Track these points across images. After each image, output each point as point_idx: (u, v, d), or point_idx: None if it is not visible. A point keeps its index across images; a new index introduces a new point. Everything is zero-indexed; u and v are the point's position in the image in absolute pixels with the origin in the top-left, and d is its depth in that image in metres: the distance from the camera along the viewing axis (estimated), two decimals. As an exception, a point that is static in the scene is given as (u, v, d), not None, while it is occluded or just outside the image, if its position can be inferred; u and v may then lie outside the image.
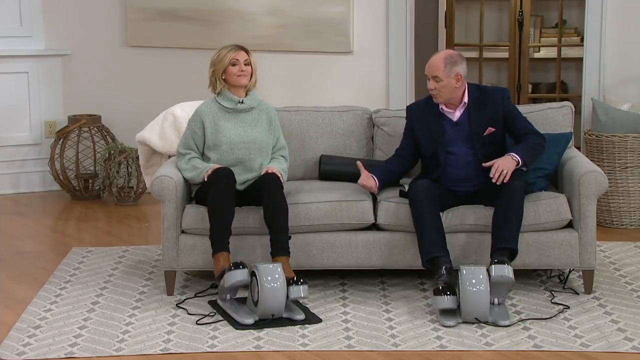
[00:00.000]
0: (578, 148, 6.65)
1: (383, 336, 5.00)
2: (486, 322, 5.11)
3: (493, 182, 5.36)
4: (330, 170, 6.05)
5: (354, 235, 5.60)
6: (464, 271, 5.09)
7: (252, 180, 5.64)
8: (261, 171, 5.62)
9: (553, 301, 5.44)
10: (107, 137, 7.99)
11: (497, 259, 5.14)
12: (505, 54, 8.83)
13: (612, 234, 6.78)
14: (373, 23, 7.48)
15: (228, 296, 5.34)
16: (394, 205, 5.56)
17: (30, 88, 8.14)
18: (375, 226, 5.64)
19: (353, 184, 5.80)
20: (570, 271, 5.77)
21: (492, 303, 5.19)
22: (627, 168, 6.86)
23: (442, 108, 5.61)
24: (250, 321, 5.11)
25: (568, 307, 5.34)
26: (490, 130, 5.56)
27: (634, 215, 6.91)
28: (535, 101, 8.74)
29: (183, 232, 5.62)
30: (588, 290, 5.57)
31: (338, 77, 7.58)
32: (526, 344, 4.88)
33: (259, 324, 5.11)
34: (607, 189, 5.69)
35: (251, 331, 5.06)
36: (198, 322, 5.19)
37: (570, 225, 5.57)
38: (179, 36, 7.92)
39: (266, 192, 5.46)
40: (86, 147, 8.00)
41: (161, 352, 4.84)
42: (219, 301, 5.39)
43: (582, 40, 7.61)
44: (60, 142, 7.96)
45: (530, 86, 8.91)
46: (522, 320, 5.17)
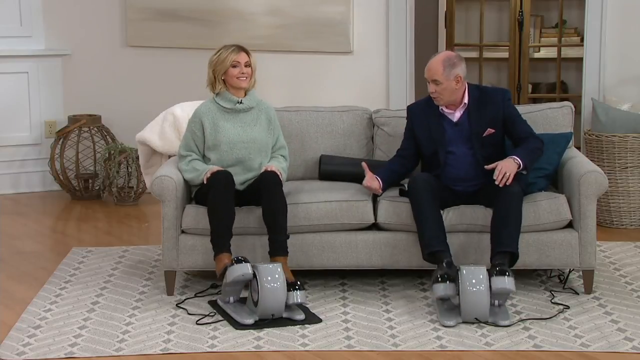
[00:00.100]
0: (578, 148, 6.65)
1: (383, 336, 5.00)
2: (486, 322, 5.11)
3: (495, 184, 5.36)
4: (330, 170, 6.05)
5: (354, 235, 5.60)
6: (464, 271, 5.09)
7: (252, 179, 5.64)
8: (261, 170, 5.62)
9: (553, 301, 5.44)
10: (107, 137, 7.99)
11: (498, 268, 5.12)
12: (505, 54, 8.83)
13: (612, 234, 6.78)
14: (373, 23, 7.48)
15: (231, 299, 5.32)
16: (394, 204, 5.56)
17: (30, 88, 8.14)
18: (375, 226, 5.64)
19: (353, 184, 5.80)
20: (570, 271, 5.77)
21: (492, 304, 5.19)
22: (627, 168, 6.86)
23: (442, 109, 5.61)
24: (250, 321, 5.11)
25: (568, 307, 5.34)
26: (489, 131, 5.56)
27: (634, 215, 6.91)
28: (535, 101, 8.74)
29: (183, 232, 5.62)
30: (588, 290, 5.57)
31: (338, 77, 7.58)
32: (526, 344, 4.87)
33: (259, 324, 5.11)
34: (607, 189, 5.69)
35: (251, 331, 5.06)
36: (198, 322, 5.19)
37: (570, 225, 5.57)
38: (179, 36, 7.92)
39: (265, 191, 5.46)
40: (86, 147, 8.01)
41: (161, 352, 4.84)
42: (219, 301, 5.39)
43: (582, 40, 7.61)
44: (60, 142, 7.96)
45: (530, 86, 8.90)
46: (522, 320, 5.17)
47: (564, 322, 5.14)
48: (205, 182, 5.51)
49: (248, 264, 5.14)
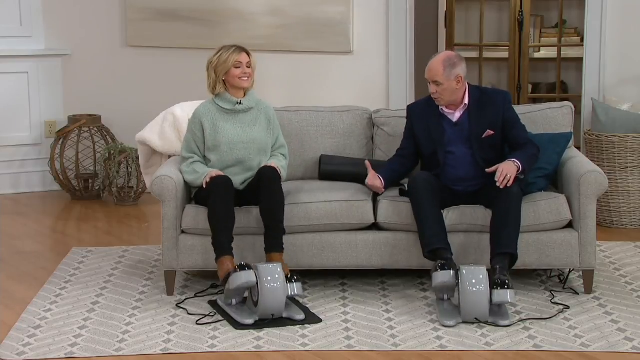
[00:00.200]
0: (578, 148, 6.65)
1: (383, 336, 5.00)
2: (486, 322, 5.11)
3: (496, 186, 5.36)
4: (330, 170, 6.05)
5: (354, 235, 5.60)
6: (464, 271, 5.10)
7: (251, 178, 5.64)
8: (260, 169, 5.64)
9: (553, 301, 5.44)
10: (107, 137, 7.99)
11: (499, 280, 5.11)
12: (505, 54, 8.83)
13: (612, 234, 6.78)
14: (373, 23, 7.48)
15: (234, 301, 5.31)
16: (394, 204, 5.56)
17: (30, 88, 8.14)
18: (375, 226, 5.64)
19: (353, 184, 5.81)
20: (570, 271, 5.77)
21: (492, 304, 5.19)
22: (627, 168, 6.86)
23: (442, 109, 5.61)
24: (250, 321, 5.11)
25: (568, 307, 5.34)
26: (489, 132, 5.56)
27: (634, 215, 6.91)
28: (535, 101, 8.74)
29: (183, 232, 5.62)
30: (588, 290, 5.57)
31: (338, 77, 7.58)
32: (526, 344, 4.87)
33: (259, 324, 5.11)
34: (607, 189, 5.69)
35: (251, 331, 5.06)
36: (198, 322, 5.19)
37: (570, 225, 5.57)
38: (179, 36, 7.92)
39: (264, 186, 5.45)
40: (86, 147, 8.01)
41: (161, 352, 4.84)
42: (219, 301, 5.39)
43: (582, 40, 7.61)
44: (60, 142, 7.96)
45: (530, 86, 8.90)
46: (522, 320, 5.17)
47: (564, 322, 5.14)
48: (204, 187, 5.52)
49: (251, 272, 5.12)
